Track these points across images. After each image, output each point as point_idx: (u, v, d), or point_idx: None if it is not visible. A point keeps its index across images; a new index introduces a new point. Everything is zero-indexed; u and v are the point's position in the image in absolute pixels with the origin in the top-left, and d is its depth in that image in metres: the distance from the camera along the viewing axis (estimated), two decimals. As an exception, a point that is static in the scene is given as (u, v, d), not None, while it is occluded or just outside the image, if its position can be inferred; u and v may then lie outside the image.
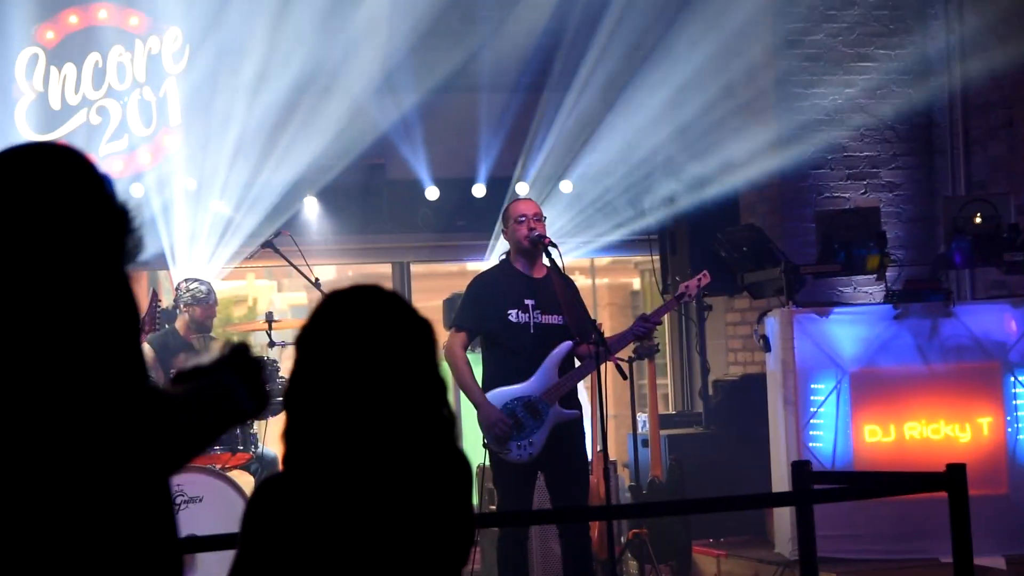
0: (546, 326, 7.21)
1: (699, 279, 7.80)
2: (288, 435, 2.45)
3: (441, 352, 2.50)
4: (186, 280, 9.41)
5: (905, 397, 8.67)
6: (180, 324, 9.26)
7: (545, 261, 7.26)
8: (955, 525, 5.09)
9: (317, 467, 2.39)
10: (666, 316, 11.83)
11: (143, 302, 7.97)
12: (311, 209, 10.79)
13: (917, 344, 8.68)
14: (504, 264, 7.43)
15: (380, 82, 10.64)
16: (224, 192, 10.40)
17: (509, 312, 7.19)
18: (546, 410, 7.12)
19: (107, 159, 10.21)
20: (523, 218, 7.26)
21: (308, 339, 2.47)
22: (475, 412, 7.22)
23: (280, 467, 2.51)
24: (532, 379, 7.15)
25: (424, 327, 2.52)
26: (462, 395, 7.43)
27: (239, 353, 2.47)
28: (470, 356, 7.35)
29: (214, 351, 2.41)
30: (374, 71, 10.62)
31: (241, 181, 10.38)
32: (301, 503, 2.36)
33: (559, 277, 7.23)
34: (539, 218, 7.31)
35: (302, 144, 10.47)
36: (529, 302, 7.22)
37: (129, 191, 10.23)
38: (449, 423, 2.53)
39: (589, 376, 7.36)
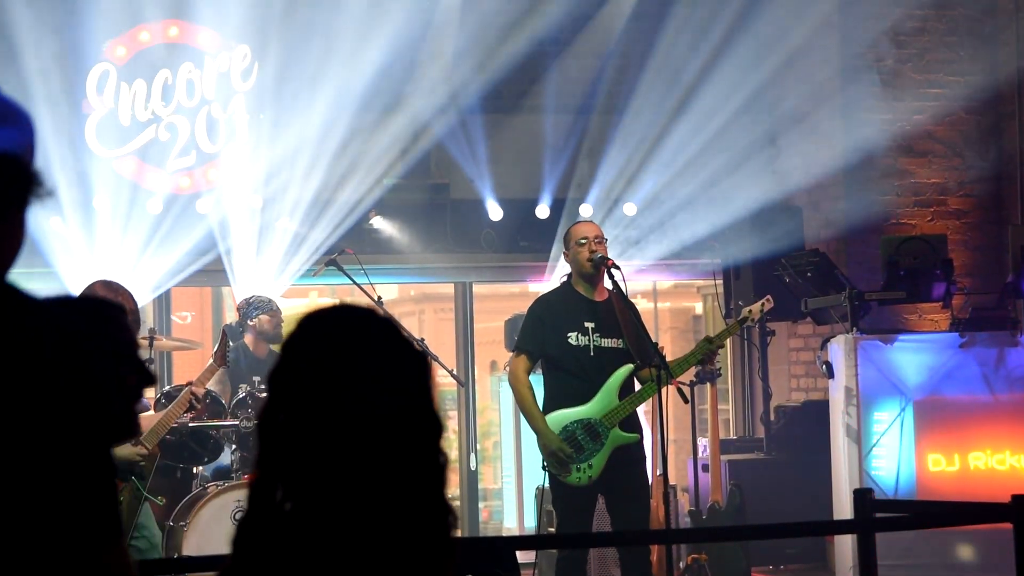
0: (606, 349, 7.19)
1: (763, 303, 7.76)
2: (261, 470, 2.16)
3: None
4: (245, 299, 9.48)
5: (970, 426, 8.58)
6: (248, 340, 9.32)
7: (607, 284, 7.23)
8: (1020, 557, 5.03)
9: (290, 510, 2.13)
10: (729, 341, 11.80)
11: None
12: (375, 227, 10.84)
13: (983, 373, 8.59)
14: (565, 286, 7.41)
15: (445, 101, 10.69)
16: (289, 210, 10.46)
17: (569, 335, 7.17)
18: (606, 433, 7.10)
19: (174, 175, 10.31)
20: (584, 240, 7.23)
21: (286, 361, 2.17)
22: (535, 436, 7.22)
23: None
24: (592, 402, 7.12)
25: (418, 357, 2.19)
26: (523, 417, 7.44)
27: None
28: (532, 378, 7.35)
29: None
30: (440, 90, 10.67)
31: (306, 199, 10.44)
32: (275, 547, 2.12)
33: (620, 300, 7.20)
34: (600, 240, 7.28)
35: (368, 163, 10.53)
36: (589, 325, 7.19)
37: (195, 207, 10.32)
38: (439, 470, 2.18)
39: (650, 400, 7.33)
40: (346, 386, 2.11)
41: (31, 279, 8.99)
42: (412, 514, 2.12)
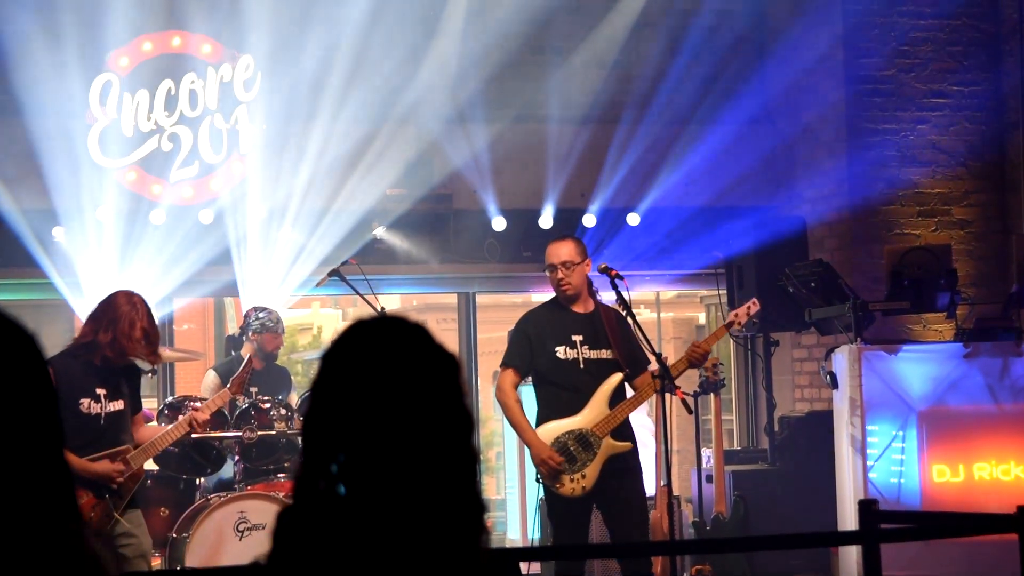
0: (596, 361, 7.16)
1: (748, 306, 7.69)
2: (305, 466, 2.36)
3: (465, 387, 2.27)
4: (255, 308, 9.44)
5: (975, 437, 8.55)
6: (246, 350, 9.29)
7: (611, 296, 7.23)
8: (1026, 569, 5.00)
9: (333, 501, 2.33)
10: (732, 352, 11.79)
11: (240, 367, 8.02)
12: (378, 238, 10.83)
13: (987, 383, 8.57)
14: (552, 301, 7.40)
15: (450, 113, 10.69)
16: (293, 220, 10.46)
17: (556, 349, 7.16)
18: (597, 443, 7.07)
19: (177, 185, 10.30)
20: (552, 267, 7.22)
21: (329, 367, 2.38)
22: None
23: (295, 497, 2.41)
24: (582, 412, 7.10)
25: (449, 360, 2.39)
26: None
27: None
28: (524, 392, 7.33)
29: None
30: (444, 102, 10.67)
31: (310, 209, 10.44)
32: (317, 536, 2.32)
33: (608, 311, 7.21)
34: (568, 264, 7.22)
35: (371, 173, 10.52)
36: (577, 338, 7.18)
37: (198, 218, 10.32)
38: (471, 461, 2.38)
39: (654, 410, 7.31)
40: (384, 389, 2.31)
41: (34, 289, 8.93)
42: (445, 503, 2.31)
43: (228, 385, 7.76)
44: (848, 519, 8.42)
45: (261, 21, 10.36)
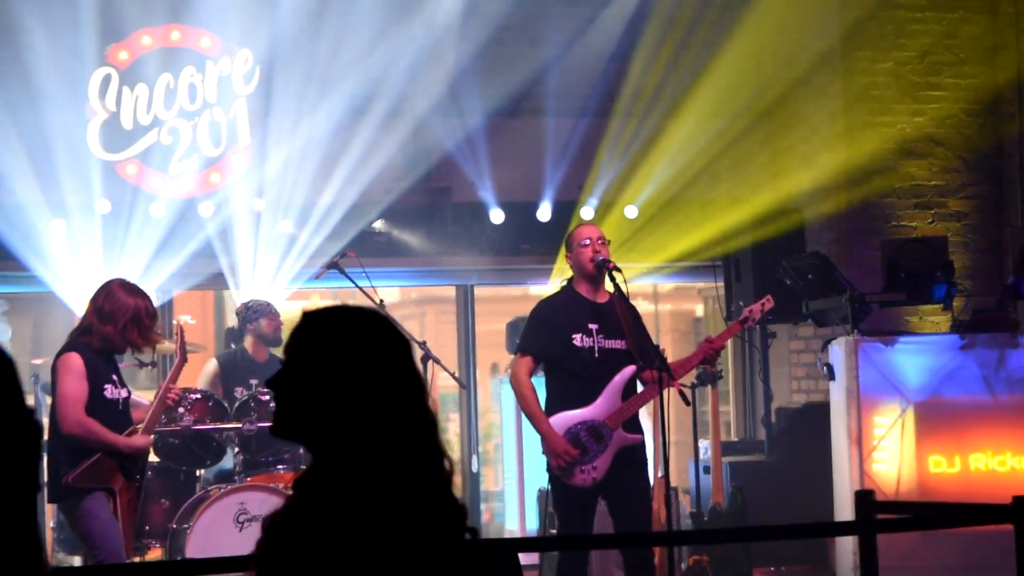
0: (609, 351, 7.19)
1: (763, 303, 7.76)
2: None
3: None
4: (244, 302, 9.50)
5: (971, 428, 8.59)
6: (248, 343, 9.32)
7: (608, 286, 7.24)
8: (1021, 559, 5.04)
9: (313, 484, 2.49)
10: (729, 343, 11.81)
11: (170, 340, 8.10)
12: (377, 230, 10.85)
13: (983, 375, 8.61)
14: (568, 289, 7.42)
15: (446, 104, 10.71)
16: (291, 213, 10.48)
17: (573, 336, 7.17)
18: (609, 434, 7.10)
19: (176, 178, 10.33)
20: (587, 241, 7.24)
21: (290, 354, 2.56)
22: (539, 437, 7.21)
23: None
24: (595, 403, 7.13)
25: (396, 336, 2.56)
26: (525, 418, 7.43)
27: None
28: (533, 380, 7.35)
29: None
30: (441, 93, 10.69)
31: (309, 202, 10.46)
32: (303, 515, 2.46)
33: (621, 302, 7.21)
34: (603, 242, 7.29)
35: (369, 166, 10.54)
36: (593, 326, 7.20)
37: (197, 210, 10.35)
38: (430, 420, 2.55)
39: (651, 402, 7.34)
40: (338, 366, 2.48)
41: (33, 283, 8.94)
42: (411, 457, 2.47)
43: (177, 359, 7.73)
44: (845, 509, 8.46)
45: (260, 14, 10.38)
